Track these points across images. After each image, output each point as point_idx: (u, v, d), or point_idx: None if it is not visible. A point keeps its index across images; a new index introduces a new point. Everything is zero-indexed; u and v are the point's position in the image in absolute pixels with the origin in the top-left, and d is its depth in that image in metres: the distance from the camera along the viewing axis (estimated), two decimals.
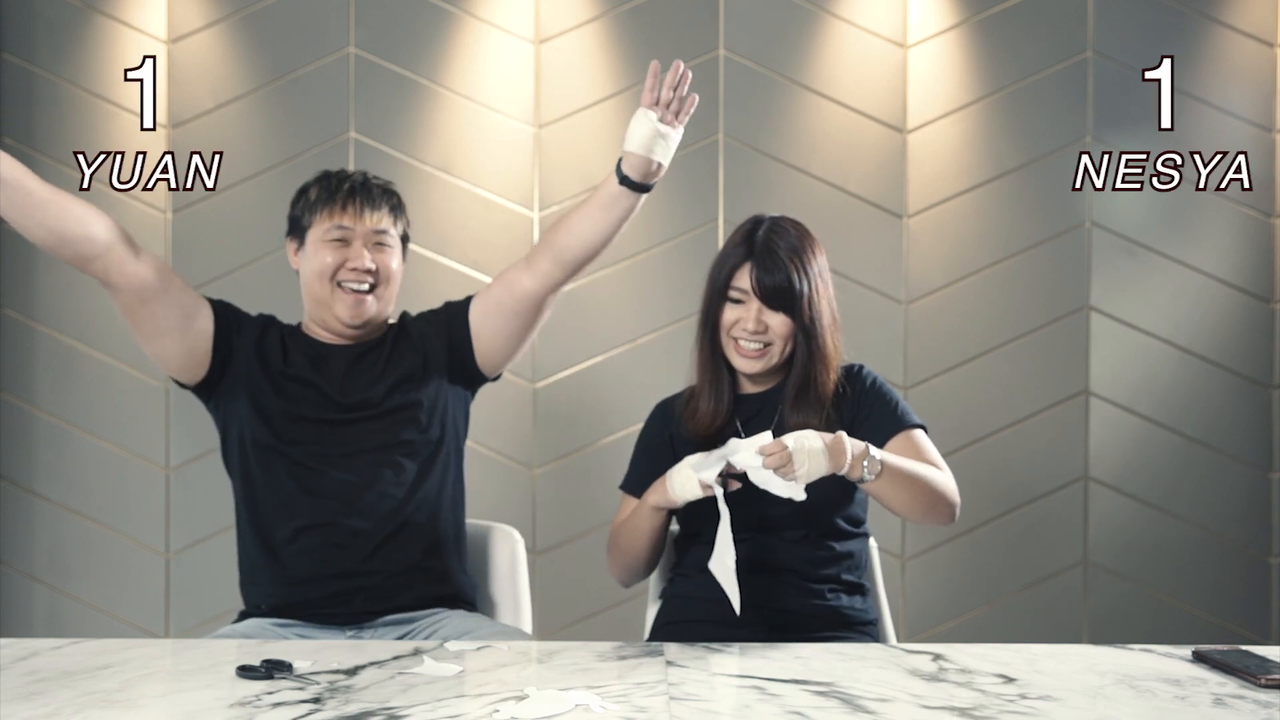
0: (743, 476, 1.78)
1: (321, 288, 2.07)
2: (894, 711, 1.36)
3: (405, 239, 2.18)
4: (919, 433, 1.98)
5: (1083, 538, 3.39)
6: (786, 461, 1.70)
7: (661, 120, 1.94)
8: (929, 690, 1.45)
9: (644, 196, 2.02)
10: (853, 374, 2.03)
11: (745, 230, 2.01)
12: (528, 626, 2.17)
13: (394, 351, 2.12)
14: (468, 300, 2.17)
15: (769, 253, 1.96)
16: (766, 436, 1.74)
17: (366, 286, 2.06)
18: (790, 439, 1.72)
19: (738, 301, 1.98)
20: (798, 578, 1.93)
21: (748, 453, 1.74)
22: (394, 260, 2.11)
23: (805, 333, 1.96)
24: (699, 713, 1.35)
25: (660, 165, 1.98)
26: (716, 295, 2.00)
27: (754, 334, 1.96)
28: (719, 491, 1.78)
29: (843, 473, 1.75)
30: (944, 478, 1.91)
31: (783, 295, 1.95)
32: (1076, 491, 3.39)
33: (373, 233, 2.08)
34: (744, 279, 1.97)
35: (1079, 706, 1.39)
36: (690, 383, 2.06)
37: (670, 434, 2.04)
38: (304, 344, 2.11)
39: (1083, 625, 3.38)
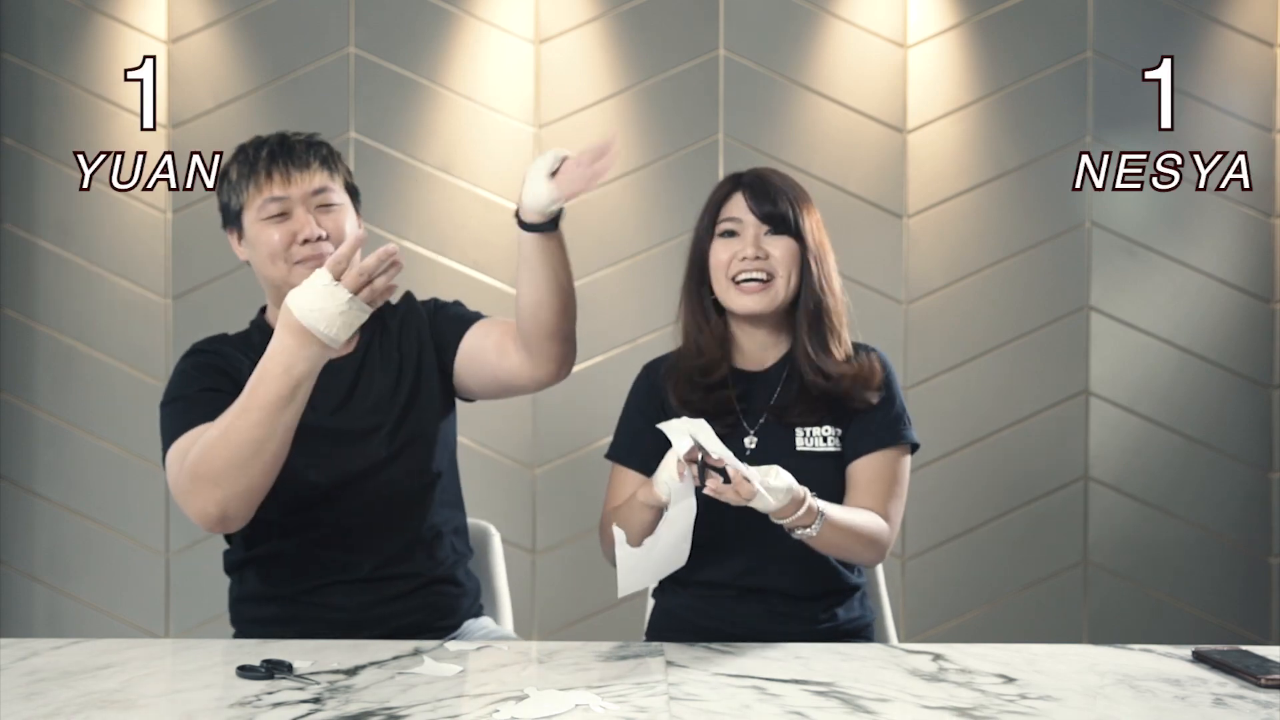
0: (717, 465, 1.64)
1: (276, 270, 1.85)
2: (894, 711, 1.36)
3: (354, 193, 1.94)
4: (904, 458, 1.89)
5: (1083, 538, 3.39)
6: (748, 495, 1.57)
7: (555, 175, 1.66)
8: (929, 690, 1.45)
9: (552, 240, 1.73)
10: (865, 353, 1.93)
11: (733, 174, 1.92)
12: (509, 623, 2.14)
13: (367, 362, 1.93)
14: (466, 319, 1.96)
15: (760, 179, 1.85)
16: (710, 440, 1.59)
17: (322, 255, 1.83)
18: (757, 476, 1.58)
19: (731, 234, 1.85)
20: (792, 601, 1.88)
21: (716, 442, 1.60)
22: (345, 219, 1.87)
23: (804, 260, 1.83)
24: (699, 713, 1.35)
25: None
26: (705, 234, 1.87)
27: (754, 262, 1.83)
28: (688, 483, 1.64)
29: (777, 520, 1.64)
30: (877, 529, 1.80)
31: (784, 217, 1.83)
32: (1076, 491, 3.39)
33: (310, 195, 1.85)
34: (737, 207, 1.85)
35: (1079, 706, 1.39)
36: (676, 345, 1.96)
37: (660, 397, 1.94)
38: None
39: (1083, 625, 3.38)
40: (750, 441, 1.90)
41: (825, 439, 1.89)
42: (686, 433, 1.60)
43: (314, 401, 1.74)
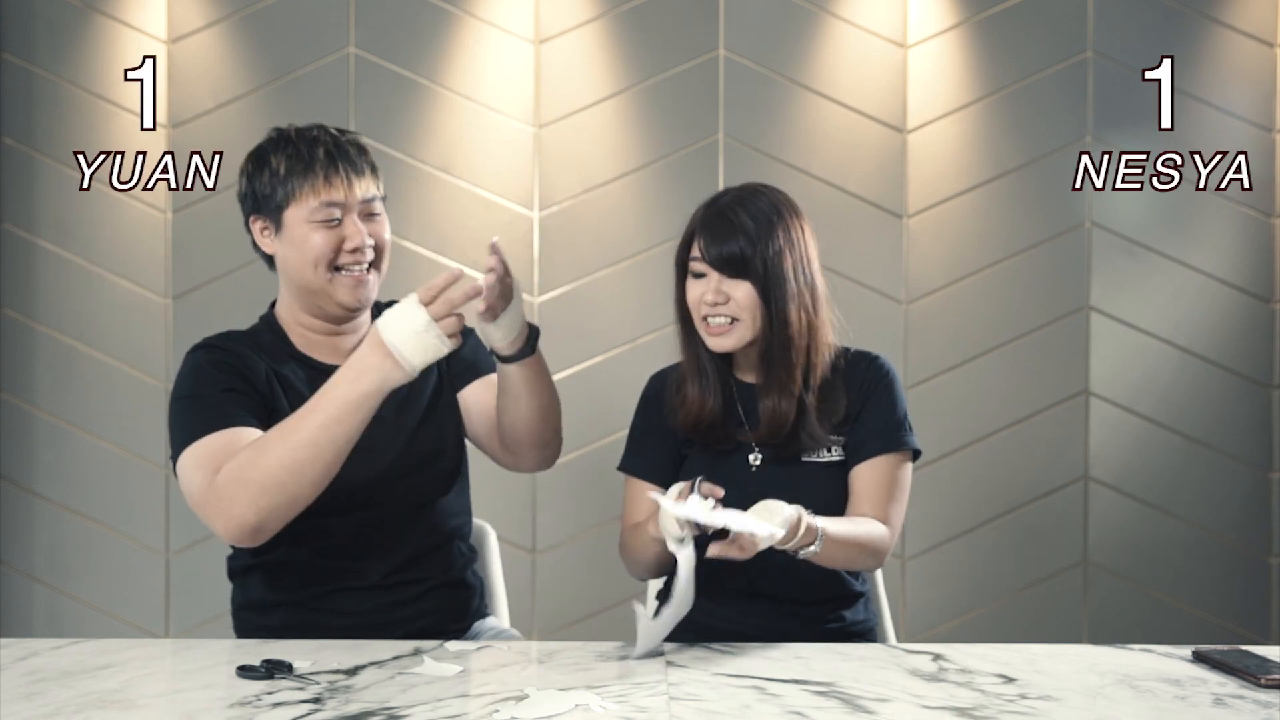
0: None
1: (317, 276, 1.83)
2: (894, 711, 1.36)
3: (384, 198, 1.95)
4: (905, 464, 1.89)
5: (1083, 538, 3.39)
6: (752, 551, 1.58)
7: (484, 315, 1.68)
8: (929, 690, 1.45)
9: (529, 362, 1.78)
10: (866, 360, 1.93)
11: (708, 201, 1.90)
12: (505, 620, 2.14)
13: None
14: (476, 369, 1.98)
15: (719, 217, 1.84)
16: (694, 507, 1.59)
17: (367, 265, 1.85)
18: (755, 526, 1.57)
19: (699, 275, 1.86)
20: (794, 604, 1.88)
21: (709, 512, 1.59)
22: (386, 230, 1.88)
23: (764, 300, 1.82)
24: (699, 713, 1.35)
25: (525, 328, 1.76)
26: (680, 273, 1.90)
27: (715, 306, 1.84)
28: (686, 536, 1.64)
29: (780, 548, 1.65)
30: (877, 536, 1.80)
31: (736, 261, 1.82)
32: (1076, 491, 3.39)
33: (362, 202, 1.84)
34: (697, 248, 1.86)
35: (1079, 706, 1.39)
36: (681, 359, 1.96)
37: (667, 410, 1.94)
38: (304, 374, 1.88)
39: (1083, 625, 3.38)
40: (755, 459, 1.90)
41: (830, 448, 1.89)
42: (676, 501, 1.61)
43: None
